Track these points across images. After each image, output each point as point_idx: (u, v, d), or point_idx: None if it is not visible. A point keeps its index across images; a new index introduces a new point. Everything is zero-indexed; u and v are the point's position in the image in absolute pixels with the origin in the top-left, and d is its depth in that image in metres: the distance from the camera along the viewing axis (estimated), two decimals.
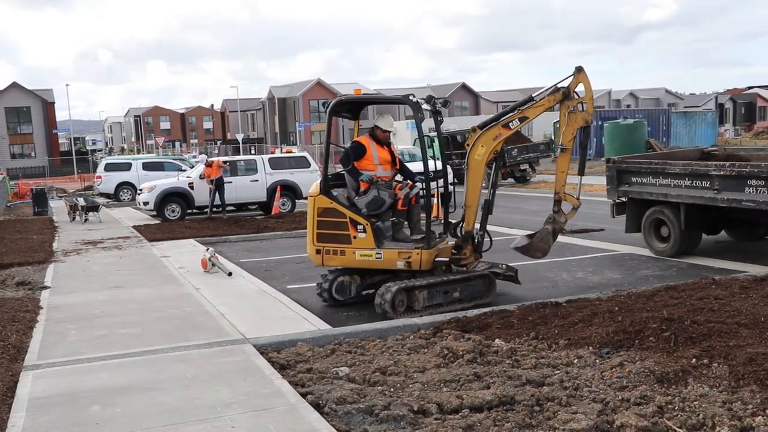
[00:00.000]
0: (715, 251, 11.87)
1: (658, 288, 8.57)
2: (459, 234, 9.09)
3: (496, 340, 6.90)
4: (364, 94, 9.65)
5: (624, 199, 12.07)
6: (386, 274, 9.00)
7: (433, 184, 8.92)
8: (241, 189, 20.80)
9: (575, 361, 6.19)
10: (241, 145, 63.05)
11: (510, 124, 8.89)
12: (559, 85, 8.92)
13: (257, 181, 21.27)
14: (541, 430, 4.79)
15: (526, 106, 8.98)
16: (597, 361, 6.13)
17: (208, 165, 20.35)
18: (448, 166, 9.36)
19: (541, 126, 47.82)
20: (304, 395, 5.57)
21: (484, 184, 9.12)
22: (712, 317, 6.81)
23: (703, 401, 5.06)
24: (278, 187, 21.10)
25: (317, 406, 5.34)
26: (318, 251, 8.97)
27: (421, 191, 8.98)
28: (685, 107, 78.38)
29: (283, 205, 21.07)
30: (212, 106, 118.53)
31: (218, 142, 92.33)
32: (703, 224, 11.49)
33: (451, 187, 9.37)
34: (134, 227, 18.51)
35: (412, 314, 8.34)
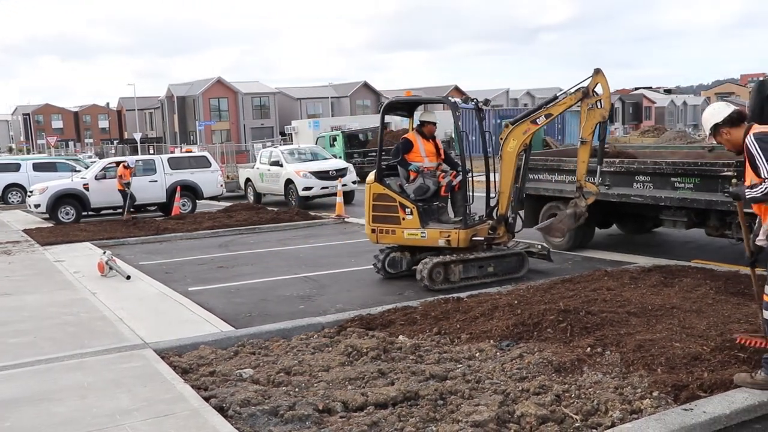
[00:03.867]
0: (607, 244, 12.39)
1: (555, 281, 8.87)
2: (494, 216, 10.02)
3: (400, 337, 6.98)
4: (413, 95, 11.12)
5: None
6: (432, 251, 9.85)
7: (336, 182, 9.42)
8: (140, 190, 20.17)
9: (477, 354, 6.33)
10: (139, 144, 61.21)
11: (537, 120, 9.67)
12: (579, 86, 9.53)
13: (156, 181, 20.73)
14: (445, 423, 4.87)
15: (551, 104, 9.76)
16: (498, 353, 6.29)
17: (128, 167, 19.72)
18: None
19: (442, 125, 48.53)
20: (207, 399, 5.47)
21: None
22: (604, 307, 7.11)
23: (597, 388, 5.28)
24: (178, 187, 20.65)
25: (221, 410, 5.25)
26: (373, 230, 10.26)
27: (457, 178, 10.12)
28: (578, 107, 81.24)
29: (184, 206, 20.63)
30: (108, 104, 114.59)
31: (115, 142, 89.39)
32: (596, 218, 11.96)
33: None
34: (25, 231, 17.67)
35: (450, 284, 9.46)
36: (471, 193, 10.13)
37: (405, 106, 11.04)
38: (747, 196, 5.05)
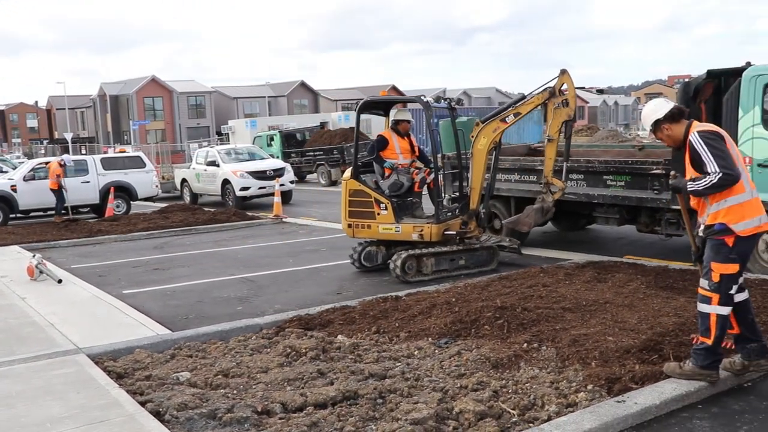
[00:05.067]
0: (542, 241, 12.63)
1: (492, 278, 8.99)
2: (466, 211, 10.26)
3: (339, 336, 6.98)
4: (387, 95, 11.76)
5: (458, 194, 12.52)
6: (407, 245, 10.18)
7: (273, 182, 9.46)
8: (71, 191, 19.60)
9: (416, 352, 6.37)
10: (70, 144, 59.48)
11: (506, 118, 9.93)
12: (546, 85, 9.73)
13: (89, 182, 20.22)
14: (385, 421, 4.88)
15: (520, 103, 10.01)
16: (436, 351, 6.34)
17: (63, 164, 19.14)
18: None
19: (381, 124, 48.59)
20: (143, 403, 5.35)
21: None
22: (540, 303, 7.24)
23: (533, 383, 5.37)
24: (112, 188, 20.18)
25: (157, 414, 5.15)
26: (349, 225, 10.57)
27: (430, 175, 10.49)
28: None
29: (118, 207, 20.16)
30: (36, 103, 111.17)
31: (44, 142, 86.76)
32: None
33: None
34: None
35: (422, 276, 9.83)
36: (444, 191, 10.52)
37: (380, 105, 11.48)
38: (689, 189, 5.10)
